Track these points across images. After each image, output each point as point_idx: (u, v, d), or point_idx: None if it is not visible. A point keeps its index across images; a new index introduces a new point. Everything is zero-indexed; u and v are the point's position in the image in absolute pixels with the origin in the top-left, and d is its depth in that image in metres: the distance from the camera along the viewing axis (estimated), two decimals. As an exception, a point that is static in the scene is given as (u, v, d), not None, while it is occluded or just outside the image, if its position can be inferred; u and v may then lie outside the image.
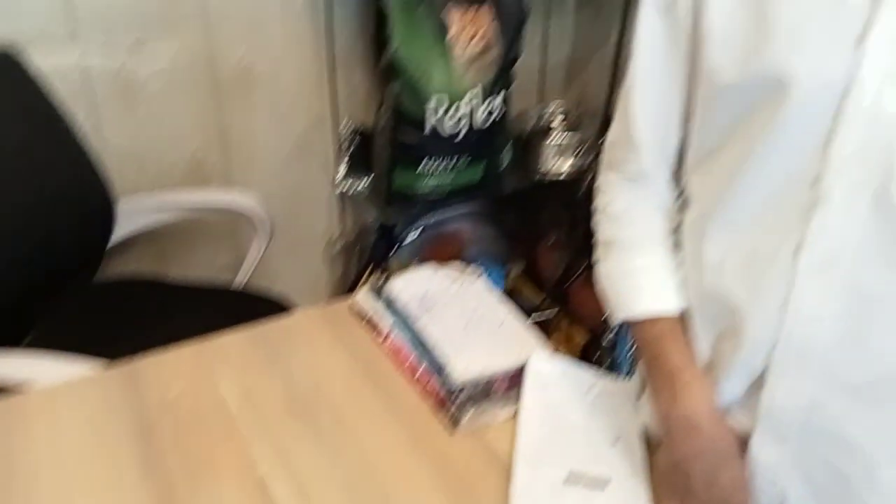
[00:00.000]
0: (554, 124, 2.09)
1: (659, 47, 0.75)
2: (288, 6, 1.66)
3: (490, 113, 1.72)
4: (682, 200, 0.80)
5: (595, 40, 2.07)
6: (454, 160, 1.72)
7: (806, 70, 0.60)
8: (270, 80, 1.71)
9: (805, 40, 0.60)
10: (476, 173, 1.78)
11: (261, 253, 1.57)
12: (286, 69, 1.72)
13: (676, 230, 0.80)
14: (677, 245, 0.79)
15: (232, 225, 1.80)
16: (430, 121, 1.64)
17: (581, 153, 1.97)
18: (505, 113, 1.76)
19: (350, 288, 1.99)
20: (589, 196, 0.88)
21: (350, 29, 1.74)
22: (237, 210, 1.59)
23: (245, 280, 1.59)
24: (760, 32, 0.63)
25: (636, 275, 0.79)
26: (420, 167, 1.69)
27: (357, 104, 1.84)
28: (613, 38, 1.89)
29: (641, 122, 0.78)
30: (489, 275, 2.09)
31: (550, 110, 2.09)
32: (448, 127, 1.66)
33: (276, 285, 1.75)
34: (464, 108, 1.66)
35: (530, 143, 2.04)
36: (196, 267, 1.80)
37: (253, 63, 1.67)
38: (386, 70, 1.63)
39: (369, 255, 1.95)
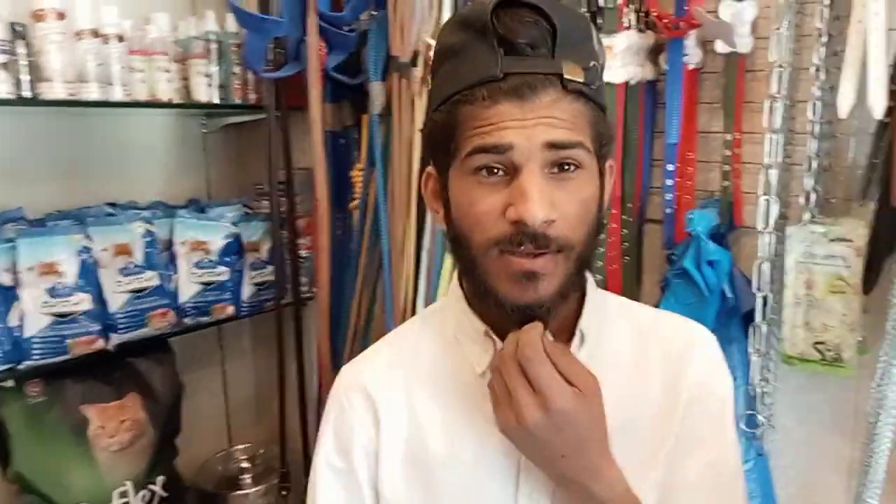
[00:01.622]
0: (244, 465, 2.01)
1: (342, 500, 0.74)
2: None
3: (151, 497, 1.60)
4: None
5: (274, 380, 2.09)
6: (111, 563, 1.53)
7: None
8: None
9: None
10: (143, 567, 1.60)
11: None
12: None
13: None
14: None
15: None
16: (73, 529, 1.47)
17: (269, 507, 1.89)
18: (169, 496, 1.65)
19: None
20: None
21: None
22: None
23: None
24: None
25: None
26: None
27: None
28: (293, 376, 1.92)
29: None
30: None
31: (237, 456, 2.02)
32: (98, 529, 1.50)
33: None
34: (115, 505, 1.52)
35: (218, 497, 1.92)
36: None
37: None
38: (15, 482, 1.46)
39: None
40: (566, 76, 0.60)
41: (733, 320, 1.23)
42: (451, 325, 0.72)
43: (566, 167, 0.61)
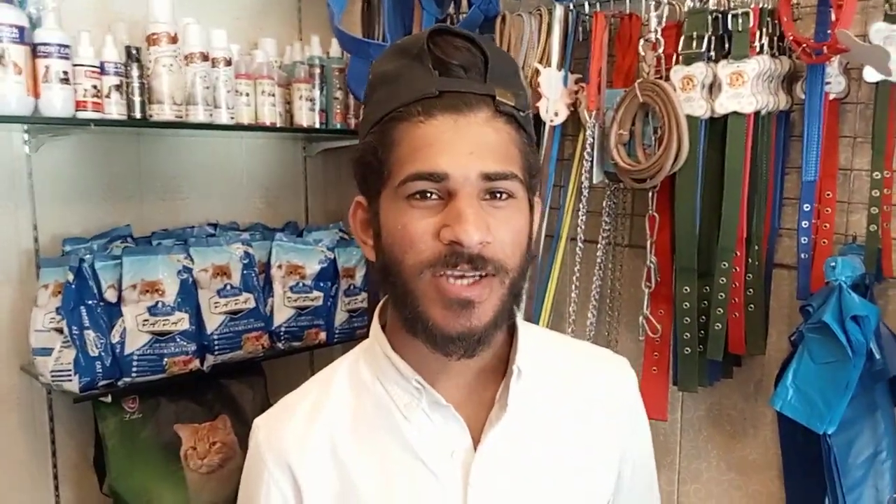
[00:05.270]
0: None
1: None
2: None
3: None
4: None
5: None
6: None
7: None
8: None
9: None
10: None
11: None
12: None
13: None
14: None
15: None
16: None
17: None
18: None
19: None
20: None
21: (74, 447, 1.60)
22: None
23: None
24: None
25: None
26: None
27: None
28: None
29: None
30: None
31: None
32: (183, 551, 1.49)
33: None
34: (201, 526, 1.51)
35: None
36: None
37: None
38: (109, 496, 1.48)
39: None
40: (498, 98, 0.63)
41: (879, 385, 1.08)
42: (371, 367, 0.71)
43: (498, 195, 0.63)
